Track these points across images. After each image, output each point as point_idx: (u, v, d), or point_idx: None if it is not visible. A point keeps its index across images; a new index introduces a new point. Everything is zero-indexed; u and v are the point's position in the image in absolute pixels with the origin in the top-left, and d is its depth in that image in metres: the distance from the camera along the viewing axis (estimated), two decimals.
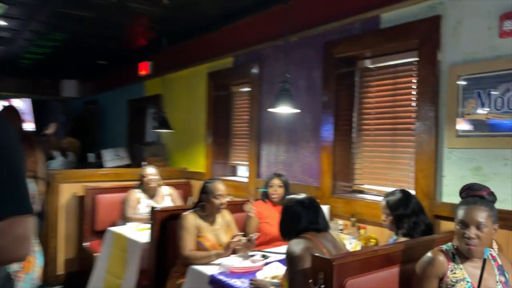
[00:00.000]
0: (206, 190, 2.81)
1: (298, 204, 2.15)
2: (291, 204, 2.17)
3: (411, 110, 3.01)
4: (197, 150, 5.04)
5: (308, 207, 2.14)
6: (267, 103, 3.99)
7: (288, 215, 2.17)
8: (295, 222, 2.12)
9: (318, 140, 3.49)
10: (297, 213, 2.13)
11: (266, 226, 3.23)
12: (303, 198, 2.18)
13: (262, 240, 3.19)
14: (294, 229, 2.12)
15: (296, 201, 2.17)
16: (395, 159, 3.11)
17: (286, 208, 2.19)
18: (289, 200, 2.21)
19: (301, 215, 2.12)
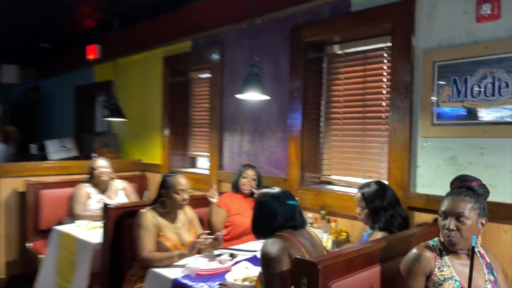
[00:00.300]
0: (166, 185, 2.55)
1: (273, 200, 1.95)
2: (266, 199, 1.97)
3: (382, 98, 2.90)
4: (153, 140, 4.72)
5: (284, 202, 1.95)
6: (230, 90, 3.76)
7: (262, 212, 1.97)
8: (270, 219, 1.93)
9: (285, 130, 3.31)
10: (272, 209, 1.93)
11: (238, 218, 3.04)
12: (278, 193, 1.99)
13: (234, 233, 3.00)
14: (269, 227, 1.92)
15: (271, 196, 1.97)
16: (365, 149, 3.00)
17: (260, 204, 1.99)
18: (263, 195, 2.01)
19: (276, 212, 1.92)
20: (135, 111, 4.98)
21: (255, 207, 2.02)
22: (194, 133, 4.47)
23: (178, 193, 2.52)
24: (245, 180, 3.13)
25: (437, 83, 2.43)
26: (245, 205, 3.13)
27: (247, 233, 3.04)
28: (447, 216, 1.73)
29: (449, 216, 1.72)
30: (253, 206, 2.04)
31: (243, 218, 3.05)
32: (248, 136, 3.62)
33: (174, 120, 4.48)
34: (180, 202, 2.54)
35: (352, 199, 2.79)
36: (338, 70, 3.19)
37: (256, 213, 2.00)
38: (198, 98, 4.44)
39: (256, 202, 2.02)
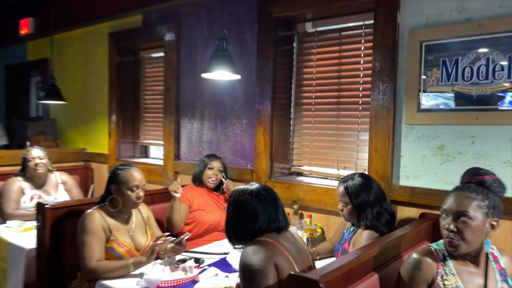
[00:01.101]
0: (117, 180, 2.14)
1: (253, 197, 1.63)
2: (243, 197, 1.64)
3: (359, 82, 2.65)
4: (98, 126, 4.21)
5: (266, 200, 1.64)
6: (187, 71, 3.36)
7: (239, 213, 1.64)
8: (250, 221, 1.61)
9: (252, 116, 2.98)
10: (252, 209, 1.61)
11: (201, 214, 2.70)
12: (258, 189, 1.67)
13: (197, 231, 2.67)
14: (248, 231, 1.61)
15: (249, 193, 1.65)
16: (340, 137, 2.75)
17: (237, 203, 1.65)
18: (239, 193, 1.67)
19: (258, 212, 1.61)
20: (76, 94, 4.43)
21: (231, 207, 1.68)
22: (146, 119, 4.03)
23: (132, 189, 2.13)
24: (210, 172, 2.78)
25: (425, 64, 2.22)
26: (208, 200, 2.80)
27: (211, 231, 2.73)
28: (448, 215, 1.50)
29: (449, 214, 1.50)
30: (228, 205, 1.70)
31: (207, 214, 2.72)
32: (209, 122, 3.26)
33: (123, 104, 4.01)
34: (134, 201, 2.14)
35: (328, 192, 2.55)
36: (310, 50, 2.90)
37: (231, 214, 1.67)
38: (150, 80, 3.99)
39: (231, 201, 1.69)
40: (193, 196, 2.75)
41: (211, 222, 2.71)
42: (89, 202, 2.40)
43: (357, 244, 2.00)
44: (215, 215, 2.75)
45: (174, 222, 2.61)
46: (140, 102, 4.07)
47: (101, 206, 2.17)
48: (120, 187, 2.13)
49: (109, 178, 2.18)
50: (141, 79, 4.06)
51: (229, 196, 1.71)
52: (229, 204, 1.69)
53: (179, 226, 2.64)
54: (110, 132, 4.03)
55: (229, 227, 1.68)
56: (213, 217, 2.73)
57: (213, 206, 2.80)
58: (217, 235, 2.76)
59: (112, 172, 2.18)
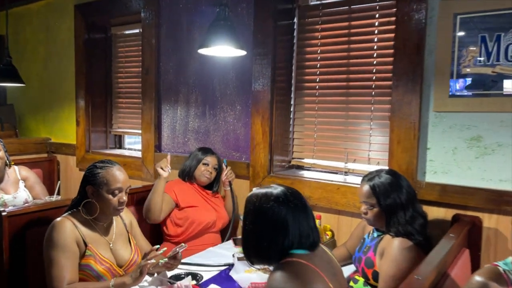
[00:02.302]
0: (96, 181, 1.72)
1: (280, 205, 1.26)
2: (268, 205, 1.27)
3: (372, 63, 2.32)
4: (64, 113, 3.71)
5: (296, 208, 1.28)
6: (169, 50, 2.94)
7: (263, 226, 1.27)
8: (277, 236, 1.25)
9: (247, 101, 2.61)
10: (280, 220, 1.25)
11: (196, 212, 2.36)
12: (285, 194, 1.30)
13: (192, 231, 2.35)
14: (276, 249, 1.25)
15: (275, 199, 1.28)
16: (349, 125, 2.42)
17: (259, 213, 1.28)
18: (261, 199, 1.29)
19: (287, 224, 1.25)
20: (37, 76, 3.89)
21: (250, 217, 1.31)
22: (120, 105, 3.56)
23: (114, 193, 1.72)
24: (205, 168, 2.42)
25: (459, 41, 1.90)
26: (198, 198, 2.43)
27: (205, 232, 2.38)
28: None
29: None
30: (246, 215, 1.33)
31: (201, 212, 2.36)
32: (196, 109, 2.85)
33: (92, 88, 3.52)
34: (115, 206, 1.74)
35: (340, 189, 2.23)
36: (313, 26, 2.54)
37: (251, 227, 1.30)
38: (124, 60, 3.51)
39: (250, 210, 1.31)
40: (180, 192, 2.38)
41: (207, 221, 2.36)
42: (57, 206, 1.98)
43: (387, 255, 1.69)
44: (211, 214, 2.39)
45: (153, 208, 2.26)
46: (112, 86, 3.59)
47: (73, 213, 1.75)
48: (99, 190, 1.71)
49: (85, 177, 1.76)
50: (113, 59, 3.57)
51: (247, 203, 1.33)
52: (247, 214, 1.32)
53: (157, 216, 2.29)
54: (78, 119, 3.55)
55: (249, 244, 1.30)
56: (209, 215, 2.38)
57: (204, 204, 2.43)
58: (212, 238, 2.42)
59: (88, 171, 1.76)
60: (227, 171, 2.43)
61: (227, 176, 2.42)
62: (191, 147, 2.88)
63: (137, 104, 3.33)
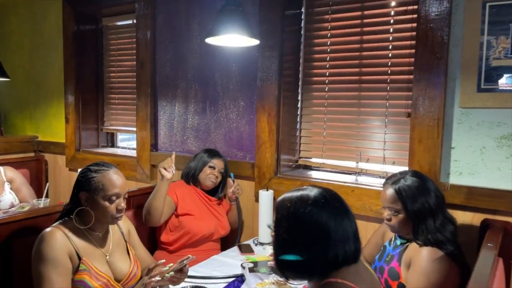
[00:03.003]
0: (90, 186, 1.53)
1: (321, 210, 1.06)
2: (306, 210, 1.07)
3: (387, 55, 2.16)
4: (52, 110, 3.49)
5: (339, 213, 1.09)
6: (166, 41, 2.74)
7: (302, 235, 1.07)
8: (320, 247, 1.05)
9: (251, 97, 2.43)
10: (322, 228, 1.05)
11: (192, 222, 2.18)
12: (324, 196, 1.10)
13: (185, 242, 2.17)
14: (319, 263, 1.06)
15: (313, 203, 1.07)
16: (362, 123, 2.26)
17: (295, 220, 1.08)
18: (296, 203, 1.09)
19: (330, 232, 1.05)
20: (23, 70, 3.66)
21: (284, 225, 1.10)
22: (112, 101, 3.35)
23: (111, 199, 1.53)
24: (211, 172, 2.24)
25: (488, 31, 1.75)
26: (199, 204, 2.25)
27: (202, 241, 2.20)
28: None
29: None
30: (278, 223, 1.12)
31: (198, 222, 2.19)
32: (196, 105, 2.66)
33: (82, 83, 3.31)
34: (113, 214, 1.55)
35: (355, 191, 2.08)
36: (322, 16, 2.36)
37: (286, 237, 1.09)
38: (116, 53, 3.30)
39: (283, 216, 1.10)
40: (182, 195, 2.20)
41: (204, 233, 2.18)
42: (47, 213, 1.79)
43: (415, 266, 1.53)
44: (209, 224, 2.21)
45: (153, 213, 2.07)
46: (104, 81, 3.38)
47: (65, 222, 1.56)
48: (94, 196, 1.52)
49: (78, 183, 1.57)
50: (104, 52, 3.36)
51: (279, 209, 1.12)
52: (280, 221, 1.11)
53: (157, 220, 2.11)
54: (67, 116, 3.33)
55: (284, 256, 1.09)
56: (206, 226, 2.19)
57: (205, 211, 2.25)
58: (210, 246, 2.24)
59: (81, 175, 1.57)
60: (234, 186, 2.25)
61: (234, 192, 2.25)
62: (190, 146, 2.69)
63: (131, 100, 3.13)
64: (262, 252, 2.13)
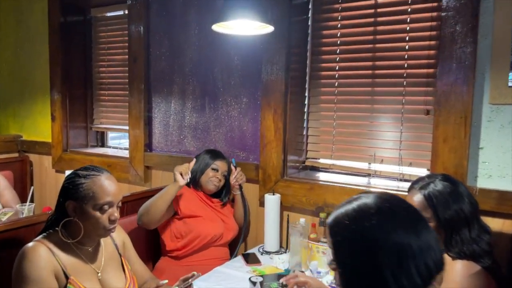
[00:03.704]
0: (79, 194, 1.33)
1: (389, 219, 0.82)
2: (369, 222, 0.81)
3: (403, 47, 1.99)
4: (37, 107, 3.27)
5: (413, 220, 0.84)
6: (161, 34, 2.54)
7: (376, 259, 0.79)
8: (403, 268, 0.78)
9: (255, 93, 2.24)
10: (401, 243, 0.79)
11: (201, 224, 2.00)
12: (382, 201, 0.85)
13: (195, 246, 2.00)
14: None
15: (376, 211, 0.82)
16: (375, 120, 2.09)
17: (362, 240, 0.81)
18: (354, 218, 0.83)
19: (412, 246, 0.79)
20: (6, 65, 3.42)
21: (345, 251, 0.84)
22: (102, 98, 3.13)
23: (103, 209, 1.33)
24: (213, 174, 2.06)
25: None
26: (203, 207, 2.07)
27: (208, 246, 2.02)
28: None
29: None
30: (336, 246, 0.85)
31: (207, 223, 2.01)
32: (194, 102, 2.47)
33: (70, 78, 3.09)
34: (105, 226, 1.35)
35: None
36: (331, 6, 2.18)
37: (355, 264, 0.82)
38: (106, 46, 3.08)
39: (345, 239, 0.84)
40: (183, 199, 2.03)
41: (214, 234, 2.01)
42: (29, 223, 1.58)
43: (449, 281, 1.35)
44: (217, 226, 2.03)
45: (152, 214, 1.91)
46: (93, 76, 3.16)
47: (49, 235, 1.36)
48: (83, 205, 1.32)
49: (64, 190, 1.37)
50: (93, 46, 3.14)
51: (335, 232, 0.86)
52: (340, 247, 0.84)
53: (152, 223, 1.96)
54: (53, 114, 3.11)
55: None
56: (215, 227, 2.03)
57: (210, 213, 2.08)
58: (219, 252, 2.07)
59: (68, 181, 1.36)
60: (237, 173, 2.07)
61: (237, 179, 2.07)
62: (187, 146, 2.50)
63: (122, 96, 2.92)
64: (269, 262, 1.95)
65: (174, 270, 1.97)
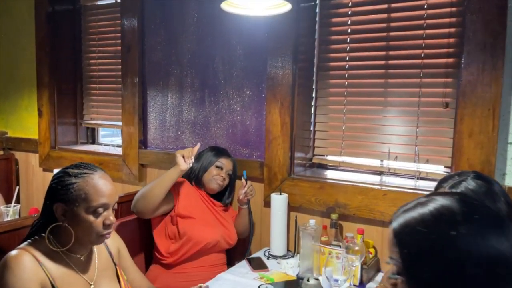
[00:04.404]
0: (69, 196, 1.16)
1: (475, 224, 0.66)
2: (455, 230, 0.65)
3: (420, 35, 1.85)
4: (23, 102, 3.07)
5: (504, 227, 0.67)
6: (157, 22, 2.37)
7: (469, 275, 0.64)
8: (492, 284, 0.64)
9: (259, 85, 2.09)
10: (495, 253, 0.64)
11: (194, 227, 1.83)
12: (462, 202, 0.69)
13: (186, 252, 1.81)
14: None
15: (462, 216, 0.67)
16: (389, 114, 1.94)
17: (448, 252, 0.65)
18: (433, 224, 0.67)
19: (508, 260, 0.64)
20: None
21: (423, 268, 0.67)
22: (93, 92, 2.95)
23: (97, 212, 1.17)
24: (217, 172, 1.91)
25: None
26: (202, 207, 1.91)
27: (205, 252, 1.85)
28: None
29: None
30: (406, 268, 0.70)
31: (201, 227, 1.85)
32: (192, 95, 2.30)
33: (58, 71, 2.89)
34: (99, 231, 1.19)
35: (387, 195, 1.76)
36: None
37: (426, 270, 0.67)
38: (97, 37, 2.90)
39: (418, 252, 0.68)
40: (185, 195, 1.86)
41: (208, 240, 1.83)
42: (13, 228, 1.40)
43: None
44: (214, 232, 1.87)
45: (151, 199, 1.73)
46: (83, 69, 2.97)
47: (35, 242, 1.20)
48: (74, 208, 1.16)
49: (52, 191, 1.20)
50: (83, 36, 2.95)
51: (407, 243, 0.70)
52: (417, 261, 0.69)
53: (150, 209, 1.76)
54: (40, 109, 2.91)
55: None
56: (211, 233, 1.85)
57: (209, 216, 1.91)
58: (214, 258, 1.90)
59: (57, 181, 1.20)
60: (247, 187, 1.90)
61: (247, 194, 1.90)
62: (185, 142, 2.33)
63: (114, 90, 2.74)
64: (276, 267, 1.80)
65: (166, 278, 1.81)
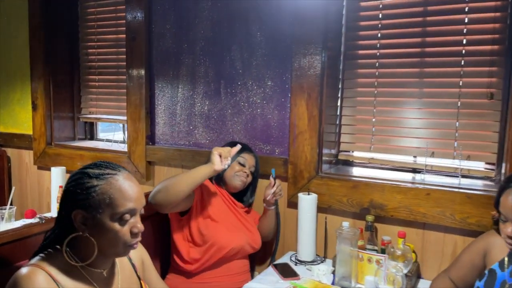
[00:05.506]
0: (89, 200, 0.98)
1: None
2: None
3: (462, 20, 1.69)
4: (15, 95, 2.85)
5: None
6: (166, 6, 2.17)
7: None
8: None
9: (283, 75, 1.91)
10: None
11: (219, 231, 1.65)
12: None
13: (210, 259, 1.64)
14: None
15: None
16: (425, 106, 1.79)
17: None
18: None
19: None
20: None
21: None
22: (92, 84, 2.73)
23: (123, 219, 0.99)
24: (240, 169, 1.75)
25: None
26: (224, 209, 1.74)
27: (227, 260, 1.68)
28: None
29: None
30: None
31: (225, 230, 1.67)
32: (206, 86, 2.11)
33: (54, 61, 2.69)
34: (127, 241, 1.01)
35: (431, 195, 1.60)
36: None
37: None
38: (95, 24, 2.68)
39: None
40: (207, 195, 1.68)
41: (233, 245, 1.66)
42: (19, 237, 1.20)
43: None
44: (239, 236, 1.70)
45: (174, 193, 1.53)
46: (80, 59, 2.76)
47: (50, 256, 1.01)
48: (97, 216, 0.97)
49: (69, 195, 1.01)
50: (80, 23, 2.73)
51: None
52: None
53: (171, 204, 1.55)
54: (34, 102, 2.70)
55: None
56: (236, 237, 1.68)
57: (232, 218, 1.74)
58: (238, 266, 1.73)
59: (73, 183, 1.01)
60: (276, 187, 1.73)
61: (275, 194, 1.73)
62: (198, 138, 2.15)
63: (115, 82, 2.55)
64: (307, 274, 1.64)
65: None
